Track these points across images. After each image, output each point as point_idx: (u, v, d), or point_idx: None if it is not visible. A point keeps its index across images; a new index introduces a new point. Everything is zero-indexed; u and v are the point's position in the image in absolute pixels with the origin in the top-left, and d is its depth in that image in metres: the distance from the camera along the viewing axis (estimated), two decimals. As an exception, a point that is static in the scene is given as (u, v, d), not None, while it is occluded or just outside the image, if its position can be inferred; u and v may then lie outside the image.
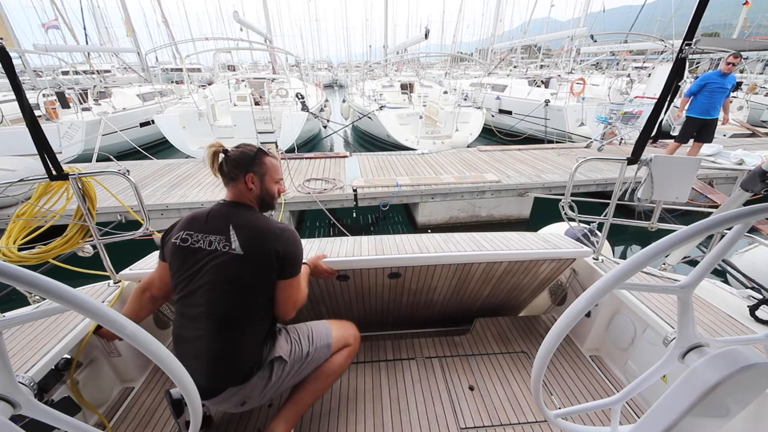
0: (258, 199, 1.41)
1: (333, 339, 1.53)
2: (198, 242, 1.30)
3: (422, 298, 2.22)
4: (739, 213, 0.63)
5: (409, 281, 2.05)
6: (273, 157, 1.46)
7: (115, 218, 4.50)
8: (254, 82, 10.10)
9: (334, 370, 1.52)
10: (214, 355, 1.25)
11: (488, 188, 5.35)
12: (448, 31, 36.23)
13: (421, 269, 1.96)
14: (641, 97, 8.53)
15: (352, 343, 1.59)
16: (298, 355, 1.43)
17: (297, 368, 1.43)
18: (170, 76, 15.69)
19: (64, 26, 17.58)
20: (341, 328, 1.61)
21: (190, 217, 1.38)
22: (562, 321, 0.72)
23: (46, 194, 1.67)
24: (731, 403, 0.70)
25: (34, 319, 0.69)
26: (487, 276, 2.09)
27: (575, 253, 2.02)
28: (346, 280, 1.96)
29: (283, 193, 1.54)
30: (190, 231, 1.33)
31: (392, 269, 1.94)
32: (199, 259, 1.29)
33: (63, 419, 0.73)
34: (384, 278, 2.00)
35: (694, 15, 1.52)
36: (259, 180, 1.40)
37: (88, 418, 1.63)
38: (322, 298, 2.10)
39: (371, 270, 1.92)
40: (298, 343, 1.45)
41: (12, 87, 1.40)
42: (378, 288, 2.08)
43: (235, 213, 1.34)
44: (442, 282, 2.09)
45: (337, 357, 1.54)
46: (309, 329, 1.53)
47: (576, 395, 1.82)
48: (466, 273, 2.03)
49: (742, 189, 1.53)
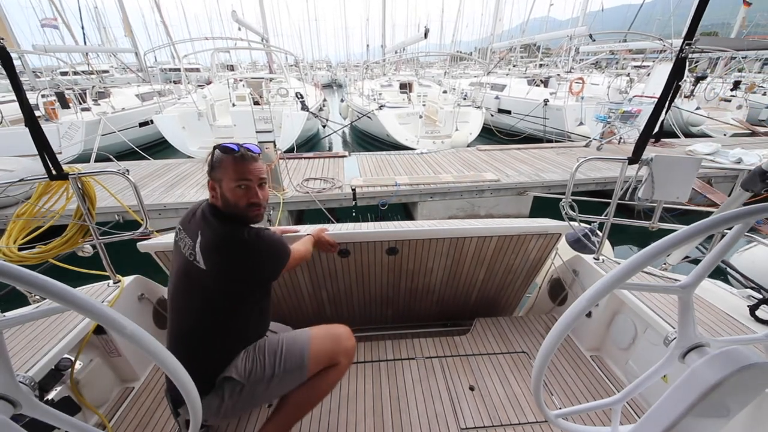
0: (223, 209, 1.25)
1: (309, 360, 1.32)
2: (180, 241, 1.29)
3: (420, 283, 2.25)
4: (739, 213, 0.63)
5: (407, 259, 2.10)
6: (247, 157, 1.23)
7: (112, 218, 4.49)
8: (252, 81, 10.09)
9: (317, 393, 1.37)
10: None
11: (487, 187, 5.36)
12: (447, 31, 36.24)
13: (417, 244, 2.02)
14: (640, 96, 8.54)
15: (341, 362, 1.37)
16: (258, 376, 1.26)
17: (260, 390, 1.28)
18: (168, 76, 15.68)
19: (62, 26, 17.56)
20: (327, 342, 1.38)
21: (185, 213, 1.37)
22: (562, 321, 0.72)
23: (45, 194, 1.67)
24: (731, 403, 0.70)
25: (34, 319, 0.69)
26: (480, 254, 2.14)
27: (560, 227, 2.08)
28: (347, 255, 2.01)
29: (256, 203, 1.25)
30: (181, 227, 1.32)
31: (390, 243, 1.99)
32: (175, 259, 1.29)
33: (63, 419, 0.73)
34: (383, 254, 2.05)
35: (694, 14, 1.52)
36: (218, 186, 1.23)
37: (88, 418, 1.63)
38: (324, 280, 2.13)
39: (370, 244, 1.98)
40: (260, 363, 1.28)
41: (12, 87, 1.41)
42: (377, 267, 2.13)
43: (204, 220, 1.23)
44: (437, 261, 2.14)
45: (321, 381, 1.35)
46: (281, 346, 1.33)
47: (576, 395, 1.82)
48: (459, 249, 2.09)
49: (742, 189, 1.53)
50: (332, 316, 2.35)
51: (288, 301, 2.21)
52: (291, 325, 1.62)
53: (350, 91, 13.00)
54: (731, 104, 11.37)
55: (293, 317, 2.29)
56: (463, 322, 2.41)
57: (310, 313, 2.32)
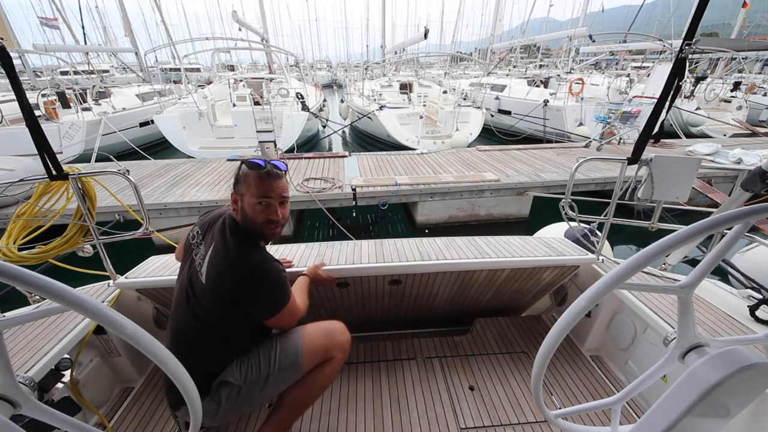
0: (241, 222, 1.26)
1: (303, 357, 1.32)
2: (195, 245, 1.30)
3: (423, 302, 2.20)
4: (739, 213, 0.63)
5: (410, 287, 2.02)
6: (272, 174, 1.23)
7: (113, 218, 4.49)
8: (252, 82, 10.09)
9: (314, 389, 1.37)
10: None
11: (487, 187, 5.35)
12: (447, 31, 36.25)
13: (422, 276, 1.92)
14: (640, 96, 8.54)
15: (335, 356, 1.37)
16: (254, 378, 1.27)
17: (257, 391, 1.28)
18: (169, 76, 15.70)
19: (63, 26, 17.57)
20: (320, 337, 1.37)
21: (204, 214, 1.38)
22: (562, 321, 0.72)
23: (46, 194, 1.67)
24: (731, 403, 0.70)
25: (34, 319, 0.69)
26: (490, 281, 2.06)
27: (579, 260, 1.99)
28: (346, 287, 1.94)
29: (274, 220, 1.25)
30: (199, 230, 1.33)
31: (393, 276, 1.90)
32: (185, 260, 1.29)
33: (63, 419, 0.73)
34: (384, 285, 1.97)
35: (694, 15, 1.52)
36: (241, 200, 1.24)
37: (88, 418, 1.63)
38: (321, 302, 2.08)
39: (371, 277, 1.89)
40: (256, 365, 1.29)
41: (12, 87, 1.40)
42: (378, 294, 2.06)
43: (222, 235, 1.24)
44: (443, 288, 2.07)
45: (317, 376, 1.35)
46: (275, 346, 1.34)
47: (576, 395, 1.82)
48: (468, 279, 2.00)
49: (742, 189, 1.53)
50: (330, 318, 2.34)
51: None
52: None
53: (350, 92, 13.00)
54: (731, 105, 11.38)
55: None
56: (463, 322, 2.40)
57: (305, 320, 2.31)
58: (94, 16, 23.35)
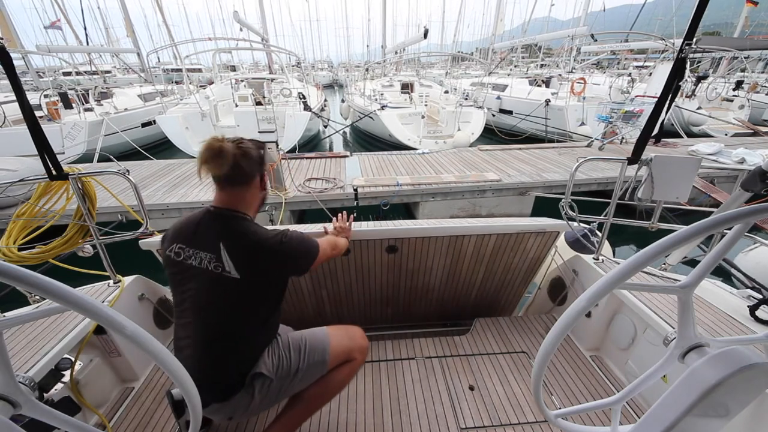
0: (260, 204, 1.37)
1: (330, 355, 1.39)
2: (190, 258, 1.24)
3: (419, 281, 2.25)
4: (740, 213, 0.62)
5: (406, 258, 2.11)
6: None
7: (115, 218, 4.50)
8: (253, 82, 10.12)
9: (332, 388, 1.41)
10: (199, 370, 1.13)
11: (489, 187, 5.35)
12: (448, 31, 36.21)
13: (416, 243, 2.04)
14: (642, 96, 8.52)
15: (356, 358, 1.44)
16: (285, 371, 1.31)
17: (286, 384, 1.33)
18: (170, 77, 15.73)
19: (66, 27, 17.64)
20: (344, 339, 1.45)
21: (177, 228, 1.29)
22: (562, 321, 0.72)
23: (46, 194, 1.68)
24: (731, 403, 0.70)
25: (34, 319, 0.70)
26: (479, 252, 2.14)
27: (558, 225, 2.08)
28: (347, 254, 2.04)
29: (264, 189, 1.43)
30: (182, 244, 1.25)
31: (390, 242, 2.01)
32: (190, 277, 1.23)
33: (63, 419, 0.73)
34: (382, 253, 2.06)
35: (694, 14, 1.52)
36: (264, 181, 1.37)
37: (88, 418, 1.64)
38: (324, 279, 2.15)
39: (370, 242, 2.00)
40: (286, 358, 1.33)
41: (12, 87, 1.41)
42: (377, 266, 2.14)
43: (226, 227, 1.24)
44: (437, 260, 2.15)
45: (337, 375, 1.40)
46: (303, 341, 1.39)
47: (576, 395, 1.82)
48: (458, 248, 2.10)
49: (742, 189, 1.52)
50: (332, 316, 2.35)
51: (288, 301, 2.21)
52: (291, 325, 1.62)
53: (351, 92, 13.01)
54: (733, 104, 11.32)
55: (294, 317, 2.29)
56: (463, 322, 2.40)
57: (310, 314, 2.32)
58: (96, 17, 23.44)
